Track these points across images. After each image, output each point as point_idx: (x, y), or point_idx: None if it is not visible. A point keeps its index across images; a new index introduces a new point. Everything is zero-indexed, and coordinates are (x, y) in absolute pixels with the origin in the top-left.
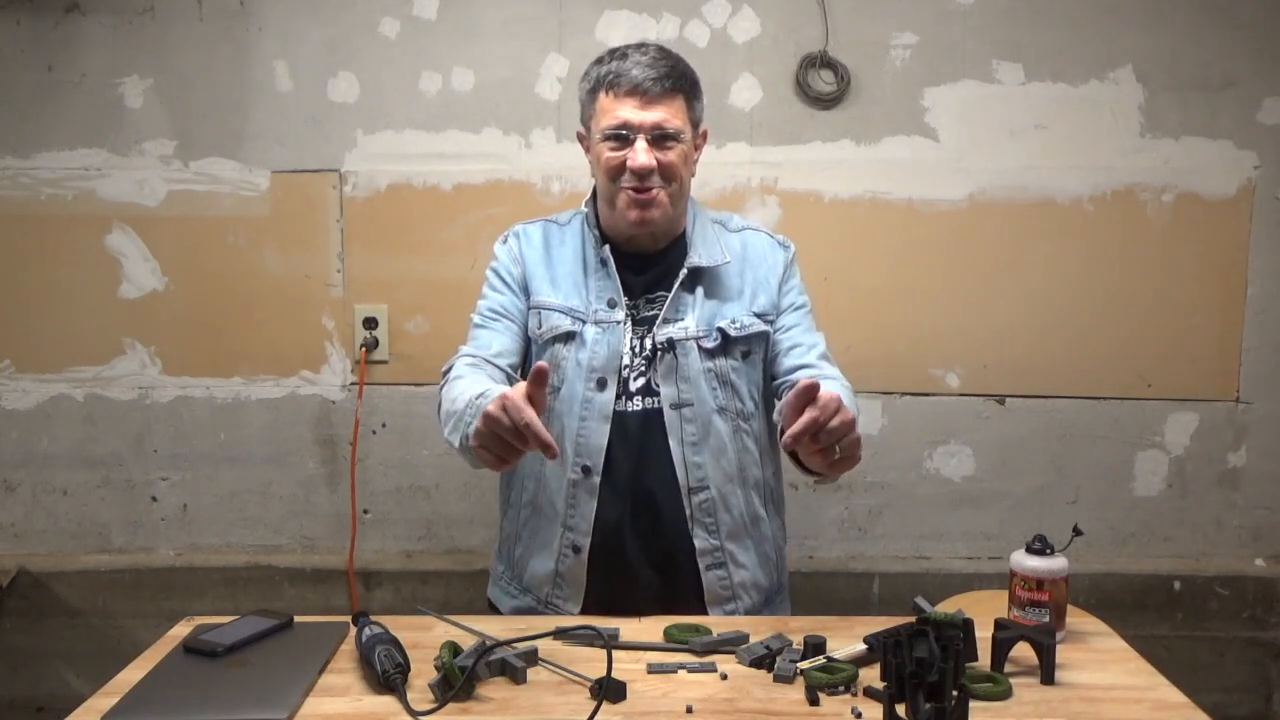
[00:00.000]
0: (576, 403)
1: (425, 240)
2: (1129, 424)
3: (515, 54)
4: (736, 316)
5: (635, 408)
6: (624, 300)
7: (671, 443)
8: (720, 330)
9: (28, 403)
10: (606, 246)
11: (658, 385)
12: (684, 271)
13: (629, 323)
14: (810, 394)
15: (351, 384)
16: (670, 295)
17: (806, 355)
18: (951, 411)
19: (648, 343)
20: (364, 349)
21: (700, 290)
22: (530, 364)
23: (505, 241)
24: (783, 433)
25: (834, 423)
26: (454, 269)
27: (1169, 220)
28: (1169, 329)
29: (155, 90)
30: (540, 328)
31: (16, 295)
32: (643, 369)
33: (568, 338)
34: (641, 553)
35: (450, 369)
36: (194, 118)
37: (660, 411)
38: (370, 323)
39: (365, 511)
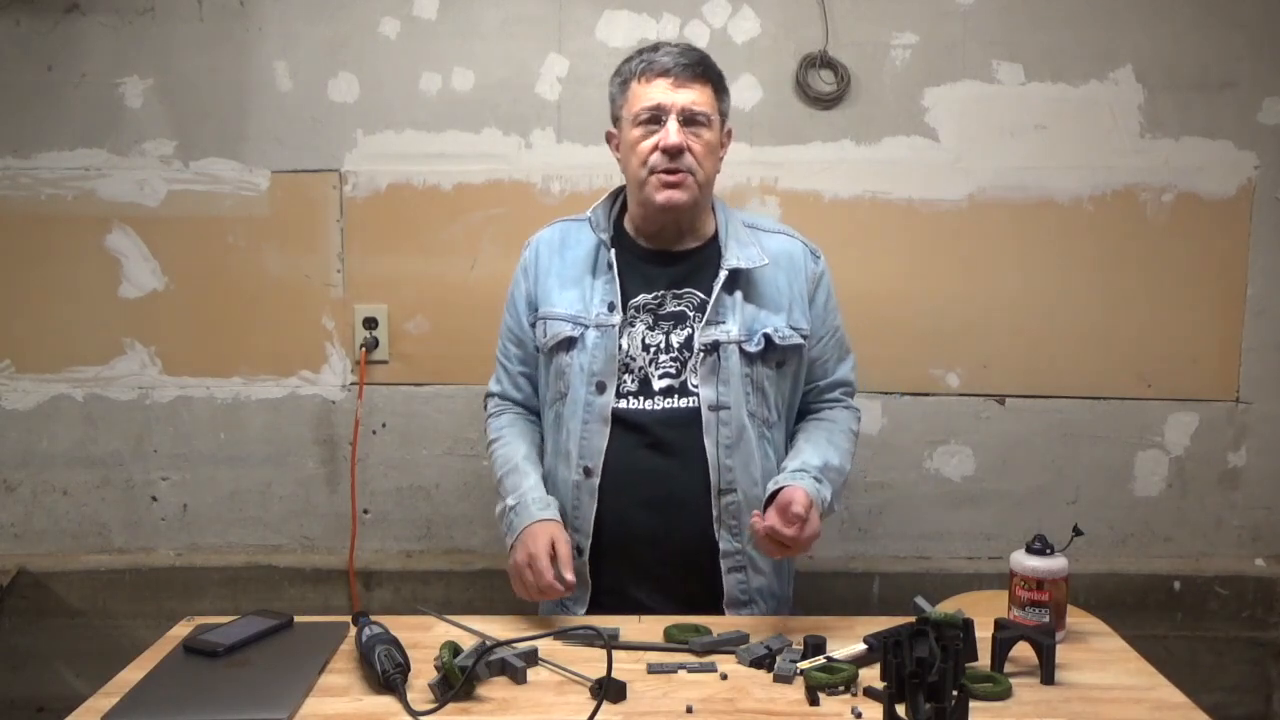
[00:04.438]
0: (579, 406)
1: (425, 240)
2: (1129, 424)
3: (515, 54)
4: (779, 326)
5: (664, 406)
6: (619, 303)
7: (707, 443)
8: (766, 336)
9: (28, 403)
10: (613, 252)
11: (695, 386)
12: (724, 273)
13: (640, 321)
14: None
15: (351, 384)
16: (712, 298)
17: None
18: (951, 411)
19: (675, 340)
20: (364, 349)
21: (739, 293)
22: (538, 368)
23: (524, 252)
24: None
25: (793, 536)
26: (454, 269)
27: (1169, 220)
28: (1169, 329)
29: (155, 90)
30: (545, 336)
31: (16, 295)
32: (672, 368)
33: (569, 344)
34: (655, 553)
35: (488, 419)
36: (194, 118)
37: (696, 411)
38: (370, 323)
39: (365, 511)
